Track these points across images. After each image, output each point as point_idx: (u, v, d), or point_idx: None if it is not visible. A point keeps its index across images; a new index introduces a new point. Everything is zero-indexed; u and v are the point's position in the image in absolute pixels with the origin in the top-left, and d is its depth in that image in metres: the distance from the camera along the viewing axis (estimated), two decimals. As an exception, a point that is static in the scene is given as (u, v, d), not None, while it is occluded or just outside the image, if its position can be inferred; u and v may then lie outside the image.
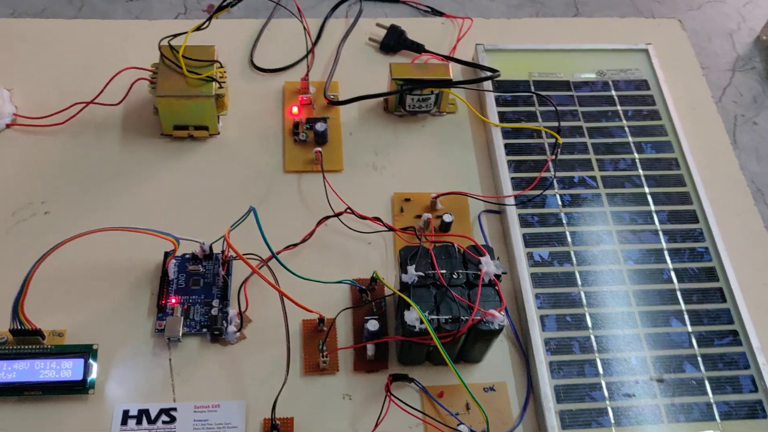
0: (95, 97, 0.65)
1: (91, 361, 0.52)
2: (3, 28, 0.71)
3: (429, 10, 0.77)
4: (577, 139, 0.67)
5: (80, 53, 0.70)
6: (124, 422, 0.52)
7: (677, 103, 0.71)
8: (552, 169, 0.64)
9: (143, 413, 0.52)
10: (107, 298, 0.56)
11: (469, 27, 0.75)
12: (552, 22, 0.78)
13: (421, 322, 0.50)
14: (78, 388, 0.52)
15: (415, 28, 0.75)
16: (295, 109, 0.67)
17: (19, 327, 0.52)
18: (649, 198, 0.64)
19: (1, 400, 0.51)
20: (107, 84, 0.65)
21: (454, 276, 0.53)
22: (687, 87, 0.73)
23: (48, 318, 0.54)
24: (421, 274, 0.52)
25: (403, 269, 0.53)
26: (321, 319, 0.56)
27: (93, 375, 0.52)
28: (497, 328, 0.51)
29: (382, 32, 0.73)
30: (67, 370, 0.52)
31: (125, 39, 0.71)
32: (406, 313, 0.51)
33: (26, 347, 0.53)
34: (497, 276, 0.53)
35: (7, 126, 0.64)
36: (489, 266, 0.53)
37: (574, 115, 0.68)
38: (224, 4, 0.66)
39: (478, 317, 0.51)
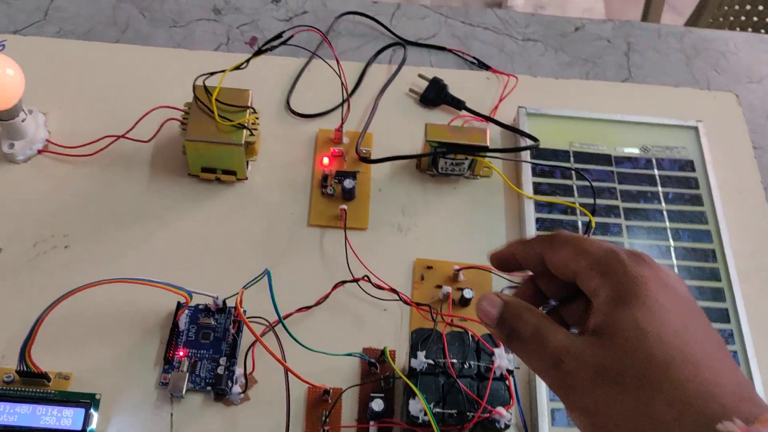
0: (126, 132, 0.64)
1: (92, 411, 0.52)
2: (47, 48, 0.71)
3: (475, 61, 0.75)
4: (611, 220, 0.64)
5: (118, 80, 0.70)
6: (119, 476, 0.51)
7: (723, 187, 0.67)
8: (582, 251, 0.62)
9: (139, 468, 0.52)
10: (116, 344, 0.56)
11: (514, 86, 0.73)
12: (601, 86, 0.75)
13: (425, 414, 0.49)
14: (76, 437, 0.52)
15: (459, 81, 0.73)
16: (325, 160, 0.66)
17: (25, 369, 0.52)
18: (681, 292, 0.61)
19: (1, 442, 0.52)
20: (139, 121, 0.64)
21: (465, 366, 0.51)
22: (735, 169, 0.70)
23: (55, 359, 0.54)
24: (430, 362, 0.51)
25: (413, 353, 0.51)
26: (326, 391, 0.55)
27: (93, 425, 0.52)
28: (503, 427, 0.49)
29: (424, 84, 0.72)
30: (67, 418, 0.52)
31: (164, 68, 0.71)
32: (411, 402, 0.49)
33: (30, 390, 0.53)
34: (510, 371, 0.51)
35: (39, 152, 0.64)
36: (502, 359, 0.51)
37: (612, 193, 0.66)
38: (263, 47, 0.64)
39: (485, 414, 0.49)
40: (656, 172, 0.68)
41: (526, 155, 0.66)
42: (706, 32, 0.82)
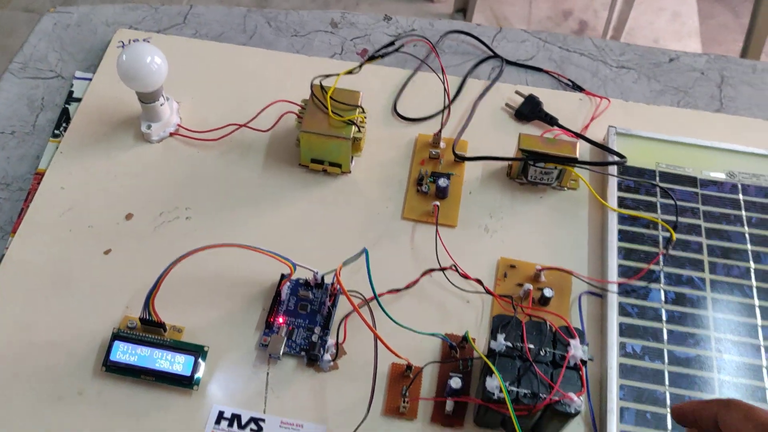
0: (248, 122, 0.72)
1: (200, 360, 0.59)
2: (184, 47, 0.80)
3: (570, 83, 0.80)
4: (693, 238, 0.67)
5: (243, 78, 0.78)
6: (218, 422, 0.57)
7: (808, 218, 0.69)
8: (661, 264, 0.65)
9: (236, 417, 0.58)
10: (225, 306, 0.63)
11: (606, 108, 0.77)
12: (692, 114, 0.78)
13: (500, 391, 0.52)
14: (185, 382, 0.58)
15: (553, 100, 0.77)
16: (422, 162, 0.71)
17: (147, 317, 0.59)
18: (758, 311, 0.63)
19: (122, 378, 0.59)
20: (260, 112, 0.72)
21: (541, 353, 0.55)
22: (823, 203, 0.71)
23: (171, 313, 0.61)
24: (509, 344, 0.55)
25: (493, 336, 0.55)
26: (409, 366, 0.59)
27: (199, 374, 0.59)
28: (573, 411, 0.52)
29: (520, 99, 0.76)
30: (179, 364, 0.58)
31: (284, 70, 0.78)
32: (487, 378, 0.53)
33: (150, 336, 0.60)
34: (583, 361, 0.54)
35: (171, 134, 0.73)
36: (577, 350, 0.54)
37: (695, 213, 0.68)
38: (375, 54, 0.71)
39: (556, 398, 0.52)
40: (741, 197, 0.70)
41: (613, 170, 0.70)
42: (803, 71, 0.84)
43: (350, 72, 0.70)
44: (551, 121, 0.75)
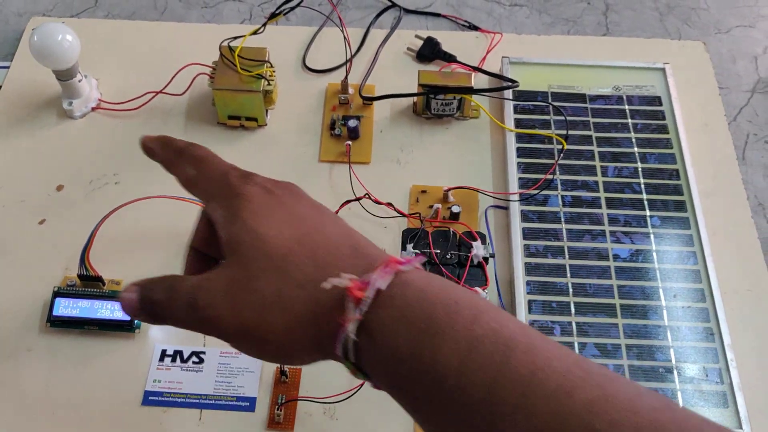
0: (163, 88, 0.76)
1: (139, 305, 0.63)
2: (98, 28, 0.84)
3: (467, 24, 0.85)
4: (585, 147, 0.73)
5: (158, 51, 0.81)
6: (161, 359, 0.62)
7: (688, 120, 0.76)
8: (557, 172, 0.71)
9: (178, 353, 0.62)
10: (158, 256, 0.67)
11: (499, 41, 0.82)
12: (580, 40, 0.84)
13: (413, 293, 0.58)
14: (127, 327, 0.62)
15: (451, 40, 0.83)
16: (333, 108, 0.76)
17: (85, 273, 0.63)
18: (646, 203, 0.69)
19: (67, 331, 0.63)
20: (173, 77, 0.76)
21: (448, 256, 0.60)
22: (701, 105, 0.78)
23: (109, 268, 0.65)
24: (417, 251, 0.60)
25: (403, 247, 0.61)
26: (333, 287, 0.64)
27: (140, 317, 0.63)
28: (480, 303, 0.58)
29: (420, 43, 0.82)
30: (119, 311, 0.62)
31: (196, 40, 0.82)
32: (401, 284, 0.59)
33: (89, 290, 0.64)
34: (485, 258, 0.60)
35: (93, 109, 0.76)
36: (479, 249, 0.60)
37: (586, 125, 0.75)
38: (276, 11, 0.76)
39: (464, 293, 0.58)
40: (626, 107, 0.76)
41: (508, 95, 0.75)
42: (680, -8, 0.91)
43: (255, 32, 0.75)
44: (450, 58, 0.81)
